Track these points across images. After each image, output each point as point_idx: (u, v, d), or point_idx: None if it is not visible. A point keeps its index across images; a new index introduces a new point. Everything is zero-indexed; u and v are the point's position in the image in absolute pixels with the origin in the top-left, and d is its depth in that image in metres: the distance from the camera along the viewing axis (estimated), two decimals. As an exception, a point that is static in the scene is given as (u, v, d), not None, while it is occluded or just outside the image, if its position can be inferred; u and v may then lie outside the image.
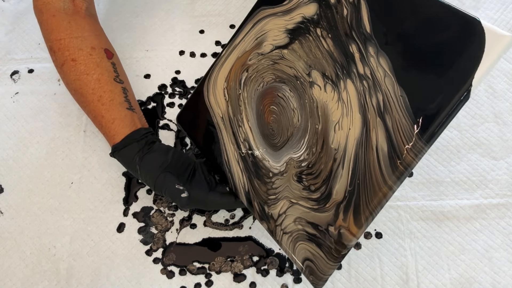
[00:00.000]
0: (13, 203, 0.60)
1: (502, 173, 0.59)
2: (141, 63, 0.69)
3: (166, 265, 0.56)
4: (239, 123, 0.55)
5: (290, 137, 0.52)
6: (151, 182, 0.52)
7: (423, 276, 0.54)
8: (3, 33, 0.72)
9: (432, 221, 0.56)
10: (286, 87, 0.54)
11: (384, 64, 0.47)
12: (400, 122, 0.44)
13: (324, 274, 0.46)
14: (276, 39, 0.56)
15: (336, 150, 0.48)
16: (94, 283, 0.55)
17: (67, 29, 0.57)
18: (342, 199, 0.46)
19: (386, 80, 0.47)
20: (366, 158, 0.45)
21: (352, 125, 0.48)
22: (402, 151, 0.43)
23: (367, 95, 0.48)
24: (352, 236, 0.44)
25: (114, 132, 0.54)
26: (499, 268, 0.54)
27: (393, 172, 0.43)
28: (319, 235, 0.47)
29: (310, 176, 0.50)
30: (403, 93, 0.45)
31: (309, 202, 0.49)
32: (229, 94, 0.57)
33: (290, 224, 0.49)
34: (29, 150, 0.63)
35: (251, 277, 0.55)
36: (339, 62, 0.51)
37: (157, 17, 0.72)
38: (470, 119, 0.62)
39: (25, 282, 0.56)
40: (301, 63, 0.54)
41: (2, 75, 0.69)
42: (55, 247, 0.57)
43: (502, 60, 0.65)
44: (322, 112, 0.51)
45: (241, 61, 0.57)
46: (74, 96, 0.58)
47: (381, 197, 0.43)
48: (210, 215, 0.58)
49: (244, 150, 0.54)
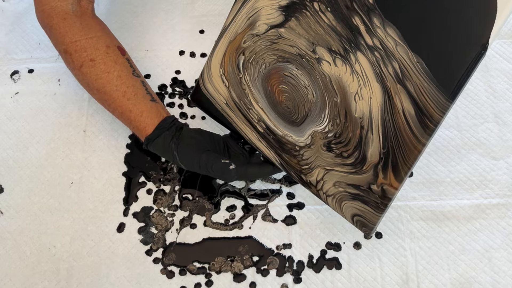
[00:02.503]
0: (13, 203, 0.60)
1: (502, 173, 0.59)
2: (141, 63, 0.69)
3: (166, 265, 0.56)
4: (247, 106, 0.55)
5: (309, 113, 0.53)
6: (194, 164, 0.54)
7: (423, 276, 0.54)
8: (3, 33, 0.72)
9: (432, 221, 0.56)
10: (292, 66, 0.54)
11: (392, 33, 0.48)
12: (422, 86, 0.46)
13: (374, 224, 0.50)
14: (269, 18, 0.55)
15: (361, 118, 0.50)
16: (94, 283, 0.55)
17: (80, 30, 0.57)
18: (379, 161, 0.49)
19: (399, 48, 0.48)
20: (395, 122, 0.48)
21: (373, 94, 0.49)
22: (431, 112, 0.45)
23: (381, 65, 0.49)
24: (394, 189, 0.48)
25: (144, 124, 0.55)
26: (499, 268, 0.54)
27: (424, 131, 0.46)
28: (363, 194, 0.50)
29: (340, 144, 0.51)
30: (419, 59, 0.46)
31: (344, 167, 0.51)
32: (228, 79, 0.56)
33: (330, 188, 0.52)
34: (29, 150, 0.63)
35: (251, 277, 0.55)
36: (344, 36, 0.51)
37: (157, 17, 0.72)
38: (470, 119, 0.62)
39: (25, 282, 0.56)
40: (302, 41, 0.53)
41: (2, 75, 0.69)
42: (55, 247, 0.57)
43: (502, 60, 0.65)
44: (337, 85, 0.51)
45: (235, 44, 0.56)
46: (97, 95, 0.58)
47: (416, 154, 0.47)
48: (210, 215, 0.58)
49: (262, 129, 0.55)
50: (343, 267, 0.55)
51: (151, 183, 0.60)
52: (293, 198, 0.59)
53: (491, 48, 0.66)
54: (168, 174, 0.61)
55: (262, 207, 0.58)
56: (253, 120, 0.55)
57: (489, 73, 0.65)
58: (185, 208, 0.59)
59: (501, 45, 0.66)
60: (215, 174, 0.54)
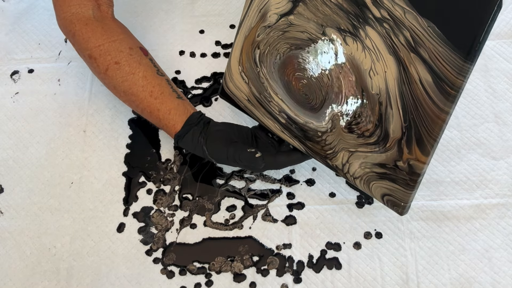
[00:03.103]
0: (13, 203, 0.60)
1: (502, 173, 0.59)
2: (141, 63, 0.69)
3: (166, 265, 0.56)
4: (268, 99, 0.56)
5: (326, 96, 0.53)
6: (223, 157, 0.54)
7: (423, 276, 0.54)
8: (3, 33, 0.72)
9: (432, 221, 0.56)
10: (304, 52, 0.54)
11: (399, 1, 0.47)
12: (436, 51, 0.44)
13: (406, 202, 0.49)
14: (278, 6, 0.55)
15: (379, 94, 0.49)
16: (94, 283, 0.55)
17: (103, 34, 0.58)
18: (401, 136, 0.47)
19: (408, 16, 0.47)
20: (413, 93, 0.46)
21: (387, 67, 0.48)
22: (449, 77, 0.44)
23: (392, 36, 0.48)
24: (422, 164, 0.46)
25: (173, 122, 0.56)
26: (499, 268, 0.54)
27: (446, 99, 0.44)
28: (390, 172, 0.49)
29: (360, 124, 0.51)
30: (430, 23, 0.45)
31: (368, 147, 0.50)
32: (247, 75, 0.57)
33: (357, 170, 0.51)
34: (29, 150, 0.63)
35: (251, 277, 0.55)
36: (352, 13, 0.51)
37: (157, 17, 0.72)
38: (470, 119, 0.62)
39: (25, 282, 0.56)
40: (311, 25, 0.53)
41: (2, 75, 0.69)
42: (55, 247, 0.57)
43: (502, 60, 0.65)
44: (351, 64, 0.51)
45: (250, 40, 0.57)
46: (125, 97, 0.59)
47: (441, 124, 0.45)
48: (210, 215, 0.58)
49: (284, 120, 0.55)
50: (343, 267, 0.55)
51: (151, 183, 0.60)
52: (293, 198, 0.59)
53: (491, 48, 0.66)
54: (168, 174, 0.61)
55: (262, 207, 0.58)
56: (275, 112, 0.55)
57: (489, 73, 0.65)
58: (185, 208, 0.59)
59: (501, 45, 0.66)
60: (243, 164, 0.54)
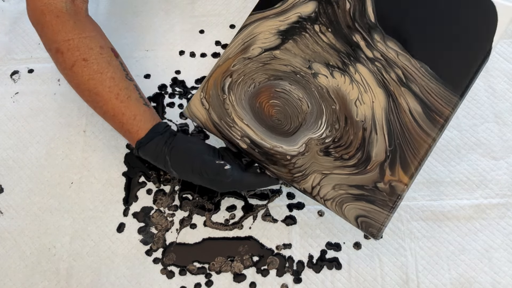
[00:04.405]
0: (13, 203, 0.60)
1: (502, 173, 0.59)
2: (141, 63, 0.69)
3: (166, 265, 0.56)
4: (229, 125, 0.56)
5: (303, 122, 0.53)
6: (187, 169, 0.52)
7: (423, 276, 0.54)
8: (3, 33, 0.72)
9: (432, 221, 0.56)
10: (285, 82, 0.55)
11: (393, 46, 0.51)
12: (428, 87, 0.49)
13: (382, 224, 0.48)
14: (265, 42, 0.57)
15: (363, 121, 0.51)
16: (94, 283, 0.55)
17: (74, 29, 0.56)
18: (385, 159, 0.49)
19: (400, 57, 0.51)
20: (401, 121, 0.49)
21: (375, 98, 0.51)
22: (439, 108, 0.48)
23: (383, 73, 0.51)
24: (404, 185, 0.48)
25: (137, 128, 0.54)
26: (499, 268, 0.54)
27: (434, 126, 0.48)
28: (368, 193, 0.49)
29: (339, 148, 0.51)
30: (422, 64, 0.50)
31: (345, 169, 0.51)
32: (208, 102, 0.57)
33: (329, 192, 0.51)
34: (29, 150, 0.63)
35: (251, 277, 0.55)
36: (343, 52, 0.53)
37: (157, 17, 0.72)
38: (470, 119, 0.62)
39: (25, 282, 0.56)
40: (297, 59, 0.55)
41: (2, 75, 0.69)
42: (55, 247, 0.57)
43: (502, 60, 0.65)
44: (335, 94, 0.53)
45: (222, 69, 0.58)
46: (88, 97, 0.57)
47: (427, 148, 0.48)
48: (210, 215, 0.58)
49: (246, 145, 0.54)
50: (343, 267, 0.55)
51: (151, 183, 0.60)
52: (293, 198, 0.59)
53: (491, 48, 0.66)
54: (168, 174, 0.61)
55: (262, 207, 0.58)
56: (236, 137, 0.55)
57: (489, 73, 0.65)
58: (185, 208, 0.59)
59: (501, 45, 0.66)
60: (209, 176, 0.52)
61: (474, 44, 0.48)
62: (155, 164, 0.55)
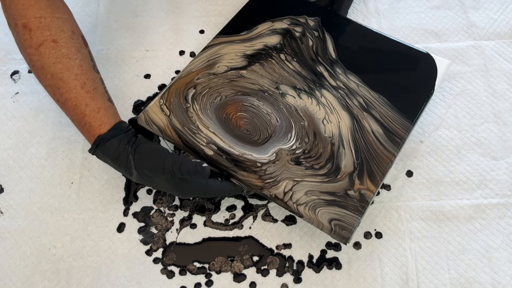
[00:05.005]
0: (13, 203, 0.60)
1: (502, 173, 0.59)
2: (141, 63, 0.69)
3: (166, 265, 0.56)
4: (193, 131, 0.56)
5: (272, 134, 0.56)
6: (157, 168, 0.49)
7: (423, 276, 0.54)
8: (3, 33, 0.72)
9: (432, 221, 0.56)
10: (252, 98, 0.58)
11: (354, 78, 0.59)
12: (386, 114, 0.57)
13: (353, 226, 0.51)
14: (232, 61, 0.60)
15: (331, 137, 0.56)
16: (94, 283, 0.55)
17: (47, 7, 0.52)
18: (353, 170, 0.54)
19: (361, 88, 0.58)
20: (365, 140, 0.55)
21: (341, 118, 0.57)
22: (397, 131, 0.56)
23: (347, 99, 0.58)
24: (371, 193, 0.52)
25: (100, 122, 0.51)
26: (499, 268, 0.54)
27: (394, 145, 0.55)
28: (340, 199, 0.52)
29: (310, 158, 0.54)
30: (380, 96, 0.58)
31: (317, 177, 0.53)
32: (169, 108, 0.57)
33: (302, 197, 0.52)
34: (29, 150, 0.63)
35: (251, 277, 0.55)
36: (309, 78, 0.59)
37: (157, 17, 0.72)
38: (470, 119, 0.62)
39: (25, 282, 0.56)
40: (265, 80, 0.59)
41: (2, 75, 0.69)
42: (55, 247, 0.57)
43: (502, 60, 0.65)
44: (304, 113, 0.57)
45: (185, 80, 0.59)
46: (49, 81, 0.52)
47: (389, 162, 0.54)
48: (210, 215, 0.58)
49: (212, 152, 0.55)
50: (343, 267, 0.55)
51: (151, 183, 0.60)
52: (293, 198, 0.59)
53: (491, 48, 0.66)
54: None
55: (262, 207, 0.58)
56: (201, 143, 0.55)
57: (489, 73, 0.65)
58: (185, 208, 0.59)
59: (501, 45, 0.66)
60: (183, 175, 0.48)
61: (421, 85, 0.59)
62: (113, 164, 0.51)
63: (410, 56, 0.61)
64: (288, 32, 0.63)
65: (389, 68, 0.60)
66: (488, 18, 0.68)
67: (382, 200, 0.58)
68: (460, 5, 0.70)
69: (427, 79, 0.59)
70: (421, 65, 0.60)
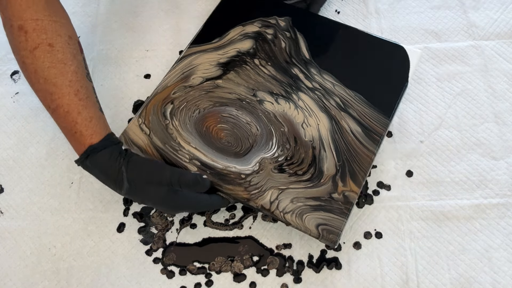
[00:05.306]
0: (13, 203, 0.60)
1: (502, 173, 0.59)
2: (141, 63, 0.69)
3: (166, 265, 0.56)
4: (174, 148, 0.56)
5: (254, 144, 0.56)
6: (151, 180, 0.49)
7: (423, 276, 0.54)
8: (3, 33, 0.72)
9: (432, 221, 0.56)
10: (231, 108, 0.57)
11: (329, 78, 0.59)
12: (363, 111, 0.57)
13: (339, 229, 0.51)
14: (206, 72, 0.59)
15: (312, 141, 0.56)
16: (94, 283, 0.55)
17: (45, 10, 0.51)
18: (336, 172, 0.54)
19: (337, 87, 0.59)
20: (345, 140, 0.56)
21: (320, 121, 0.57)
22: (375, 128, 0.56)
23: (324, 100, 0.58)
24: (355, 194, 0.53)
25: (92, 132, 0.50)
26: (499, 268, 0.54)
27: (373, 142, 0.56)
28: (325, 204, 0.52)
29: (292, 165, 0.55)
30: (356, 93, 0.58)
31: (301, 183, 0.54)
32: (149, 127, 0.57)
33: (288, 205, 0.53)
34: (29, 150, 0.63)
35: (251, 277, 0.55)
36: (285, 82, 0.59)
37: (157, 17, 0.72)
38: (470, 119, 0.62)
39: (25, 282, 0.56)
40: (241, 88, 0.59)
41: (2, 75, 0.69)
42: (55, 247, 0.57)
43: (502, 60, 0.65)
44: (283, 118, 0.57)
45: (161, 96, 0.58)
46: (42, 86, 0.51)
47: (369, 161, 0.55)
48: (210, 215, 0.58)
49: (195, 167, 0.54)
50: (343, 267, 0.55)
51: (151, 183, 0.60)
52: (293, 198, 0.59)
53: (491, 48, 0.66)
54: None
55: (262, 207, 0.58)
56: (184, 160, 0.55)
57: (489, 73, 0.65)
58: (185, 208, 0.59)
59: (501, 45, 0.66)
60: (181, 187, 0.49)
61: (395, 78, 0.59)
62: (101, 176, 0.50)
63: (382, 50, 0.61)
64: (260, 35, 0.62)
65: (362, 64, 0.60)
66: (488, 18, 0.68)
67: (382, 200, 0.58)
68: (460, 5, 0.70)
69: (400, 71, 0.59)
70: (393, 58, 0.60)
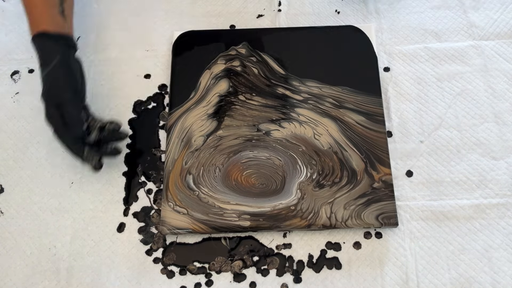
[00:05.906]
0: (13, 203, 0.60)
1: (502, 173, 0.59)
2: (141, 63, 0.69)
3: (166, 265, 0.56)
4: (218, 214, 0.56)
5: (285, 174, 0.57)
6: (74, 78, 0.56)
7: (423, 276, 0.54)
8: (3, 33, 0.72)
9: (432, 221, 0.56)
10: (245, 152, 0.58)
11: (313, 83, 0.62)
12: (357, 100, 0.61)
13: (394, 212, 0.55)
14: (203, 129, 0.59)
15: (330, 147, 0.58)
16: (94, 283, 0.55)
17: None
18: (365, 165, 0.57)
19: (324, 89, 0.61)
20: (356, 132, 0.59)
21: (327, 126, 0.60)
22: (374, 110, 0.60)
23: (319, 105, 0.60)
24: (390, 175, 0.57)
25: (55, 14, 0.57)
26: (499, 268, 0.54)
27: (380, 124, 0.59)
28: (372, 196, 0.56)
29: (327, 176, 0.57)
30: (343, 87, 0.61)
31: (343, 189, 0.56)
32: (183, 206, 0.56)
33: (344, 213, 0.55)
34: (29, 150, 0.63)
35: (251, 277, 0.55)
36: (278, 105, 0.61)
37: (157, 17, 0.72)
38: (470, 119, 0.62)
39: (25, 282, 0.56)
40: (243, 129, 0.59)
41: (3, 75, 0.69)
42: (55, 247, 0.57)
43: (502, 60, 0.65)
44: (295, 139, 0.59)
45: (176, 172, 0.58)
46: None
47: (385, 141, 0.58)
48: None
49: (248, 222, 0.55)
50: (343, 267, 0.55)
51: (151, 183, 0.60)
52: (293, 198, 0.59)
53: (491, 48, 0.66)
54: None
55: (262, 207, 0.58)
56: (233, 221, 0.55)
57: (489, 73, 0.65)
58: (185, 208, 0.59)
59: (501, 45, 0.66)
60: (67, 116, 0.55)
61: (365, 57, 0.63)
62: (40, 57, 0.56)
63: (341, 36, 0.65)
64: (230, 71, 0.62)
65: (332, 57, 0.63)
66: (488, 18, 0.68)
67: (382, 200, 0.58)
68: (460, 5, 0.70)
69: (366, 49, 0.63)
70: (354, 40, 0.64)
